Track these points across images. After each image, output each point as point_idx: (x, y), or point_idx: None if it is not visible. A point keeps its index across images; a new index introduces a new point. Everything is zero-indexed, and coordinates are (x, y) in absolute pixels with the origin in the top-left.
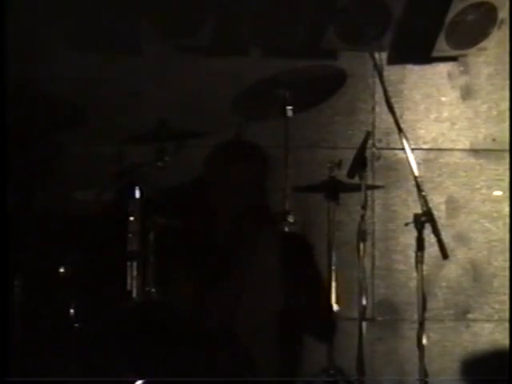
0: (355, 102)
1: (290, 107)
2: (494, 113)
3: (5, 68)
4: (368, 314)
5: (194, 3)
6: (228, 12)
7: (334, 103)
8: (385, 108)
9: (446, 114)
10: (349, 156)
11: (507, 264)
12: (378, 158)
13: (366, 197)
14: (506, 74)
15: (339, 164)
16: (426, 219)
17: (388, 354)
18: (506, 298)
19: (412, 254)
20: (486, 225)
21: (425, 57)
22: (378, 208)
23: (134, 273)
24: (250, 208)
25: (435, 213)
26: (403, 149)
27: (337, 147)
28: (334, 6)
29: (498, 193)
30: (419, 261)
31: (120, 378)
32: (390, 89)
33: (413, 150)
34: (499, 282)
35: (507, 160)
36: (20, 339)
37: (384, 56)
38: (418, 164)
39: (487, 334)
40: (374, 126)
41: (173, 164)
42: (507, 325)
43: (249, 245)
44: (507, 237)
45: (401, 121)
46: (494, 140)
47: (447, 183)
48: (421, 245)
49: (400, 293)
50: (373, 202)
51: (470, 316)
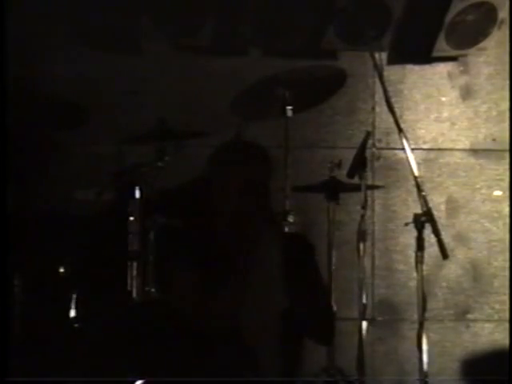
0: (355, 102)
1: (289, 107)
2: (494, 113)
3: (5, 68)
4: (368, 314)
5: (193, 3)
6: (228, 12)
7: (334, 103)
8: (385, 108)
9: (446, 114)
10: (349, 156)
11: (507, 264)
12: (378, 158)
13: (365, 197)
14: (506, 74)
15: (339, 164)
16: (425, 219)
17: (388, 354)
18: (506, 298)
19: (412, 254)
20: (486, 225)
21: (425, 57)
22: (377, 208)
23: (134, 273)
24: (252, 208)
25: (435, 213)
26: (403, 149)
27: (337, 147)
28: (333, 6)
29: (498, 193)
30: (419, 261)
31: (120, 377)
32: (390, 89)
33: (413, 150)
34: (499, 282)
35: (507, 160)
36: (20, 339)
37: (384, 56)
38: (418, 164)
39: (487, 334)
40: (374, 126)
41: (173, 164)
42: (507, 325)
43: (251, 245)
44: (507, 237)
45: (401, 121)
46: (494, 140)
47: (447, 183)
48: (421, 245)
49: (400, 293)
50: (373, 202)
51: (469, 316)
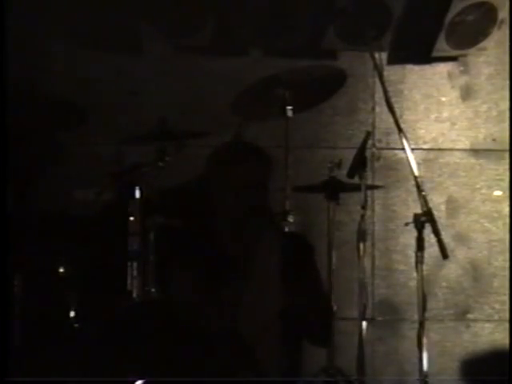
0: (355, 102)
1: (289, 107)
2: (494, 113)
3: (5, 68)
4: (368, 314)
5: (193, 3)
6: (228, 12)
7: (334, 103)
8: (385, 108)
9: (446, 114)
10: (349, 156)
11: (507, 264)
12: (378, 158)
13: (365, 197)
14: (506, 74)
15: (339, 164)
16: (426, 219)
17: (388, 354)
18: (506, 298)
19: (412, 254)
20: (486, 225)
21: (425, 57)
22: (378, 208)
23: (134, 273)
24: (252, 209)
25: (435, 213)
26: (403, 149)
27: (337, 147)
28: (333, 6)
29: (498, 193)
30: (419, 261)
31: (120, 378)
32: (390, 89)
33: (413, 150)
34: (499, 282)
35: (507, 160)
36: (20, 339)
37: (384, 56)
38: (418, 164)
39: (487, 334)
40: (374, 126)
41: (173, 164)
42: (507, 325)
43: (249, 245)
44: (507, 237)
45: (401, 121)
46: (494, 140)
47: (447, 183)
48: (421, 245)
49: (400, 293)
50: (373, 202)
51: (469, 316)
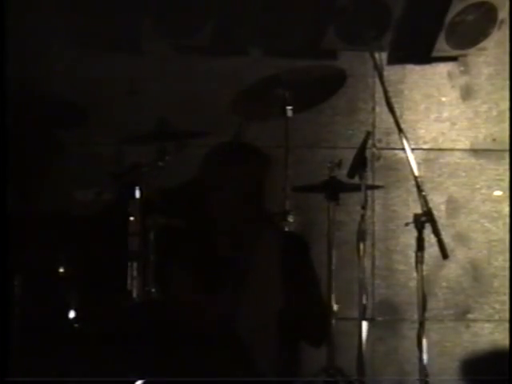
0: (355, 102)
1: (289, 107)
2: (494, 113)
3: (5, 68)
4: (368, 313)
5: (193, 3)
6: (228, 12)
7: (334, 103)
8: (385, 108)
9: (446, 114)
10: (349, 156)
11: (507, 264)
12: (378, 158)
13: (366, 197)
14: (506, 74)
15: (339, 164)
16: (426, 219)
17: (388, 354)
18: (506, 298)
19: (412, 254)
20: (486, 225)
21: (425, 57)
22: (378, 208)
23: (134, 273)
24: (249, 209)
25: (435, 213)
26: (403, 149)
27: (337, 147)
28: (333, 6)
29: (498, 193)
30: (419, 261)
31: (120, 377)
32: (390, 89)
33: (413, 150)
34: (499, 282)
35: (507, 160)
36: (20, 339)
37: (384, 56)
38: (418, 164)
39: (487, 334)
40: (374, 126)
41: (173, 164)
42: (507, 325)
43: (248, 245)
44: (507, 237)
45: (401, 121)
46: (494, 140)
47: (447, 183)
48: (421, 245)
49: (400, 293)
50: (373, 202)
51: (470, 316)
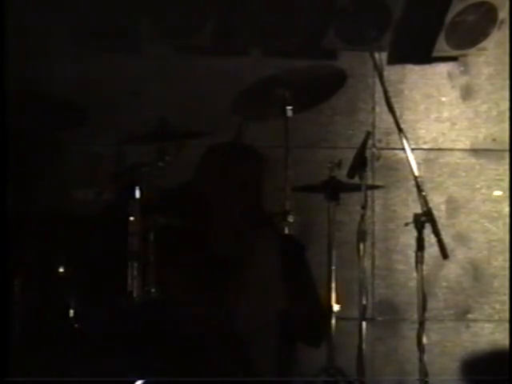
0: (355, 102)
1: (289, 107)
2: (494, 113)
3: (5, 68)
4: (368, 313)
5: (193, 3)
6: (228, 12)
7: (334, 103)
8: (385, 108)
9: (446, 114)
10: (349, 156)
11: (507, 264)
12: (378, 158)
13: (366, 197)
14: (506, 74)
15: (339, 164)
16: (426, 219)
17: (388, 354)
18: (506, 298)
19: (412, 254)
20: (486, 225)
21: (425, 57)
22: (378, 208)
23: (135, 273)
24: (245, 209)
25: (435, 213)
26: (403, 149)
27: (337, 147)
28: (333, 6)
29: (498, 193)
30: (419, 261)
31: (120, 378)
32: (390, 89)
33: (413, 150)
34: (499, 282)
35: (507, 160)
36: (20, 339)
37: (384, 56)
38: (418, 164)
39: (487, 334)
40: (374, 126)
41: (173, 164)
42: (507, 325)
43: (245, 246)
44: (507, 237)
45: (401, 121)
46: (494, 140)
47: (447, 183)
48: (421, 245)
49: (400, 293)
50: (373, 202)
51: (470, 316)
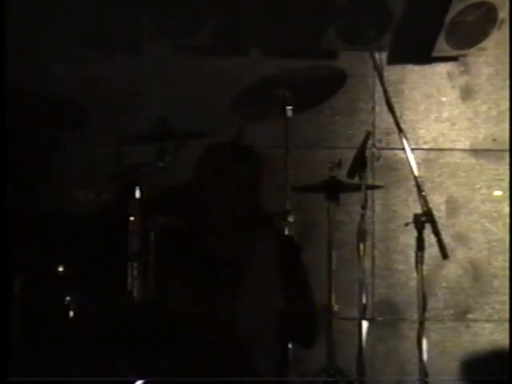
0: (355, 102)
1: (289, 107)
2: (494, 113)
3: (5, 68)
4: (368, 314)
5: (193, 3)
6: (228, 12)
7: (333, 103)
8: (385, 108)
9: (446, 114)
10: (349, 156)
11: (507, 264)
12: (378, 158)
13: (366, 197)
14: (506, 74)
15: (339, 164)
16: (426, 219)
17: (388, 354)
18: (506, 298)
19: (412, 253)
20: (486, 225)
21: (425, 57)
22: (378, 208)
23: (135, 273)
24: (243, 210)
25: (435, 213)
26: (403, 149)
27: (337, 147)
28: (333, 6)
29: (498, 193)
30: (419, 261)
31: (120, 378)
32: (390, 89)
33: (413, 150)
34: (499, 282)
35: (507, 160)
36: (20, 339)
37: (384, 56)
38: (418, 164)
39: (487, 334)
40: (374, 126)
41: (173, 164)
42: (507, 325)
43: (243, 246)
44: (507, 237)
45: (401, 121)
46: (494, 140)
47: (447, 183)
48: (421, 245)
49: (400, 293)
50: (373, 202)
51: (470, 316)
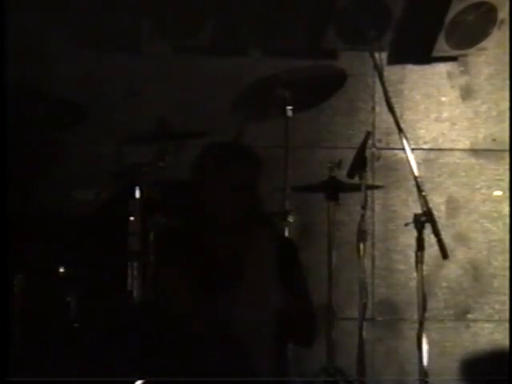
0: (355, 102)
1: (289, 107)
2: (494, 113)
3: (5, 68)
4: (368, 314)
5: (193, 3)
6: (228, 12)
7: (333, 103)
8: (385, 108)
9: (446, 114)
10: (349, 156)
11: (507, 264)
12: (378, 158)
13: (366, 197)
14: (506, 74)
15: (339, 164)
16: (426, 219)
17: (388, 354)
18: (506, 298)
19: (412, 254)
20: (486, 225)
21: (425, 57)
22: (378, 208)
23: (135, 273)
24: (242, 210)
25: (435, 213)
26: (403, 149)
27: (337, 147)
28: (333, 6)
29: (498, 193)
30: (419, 261)
31: (120, 378)
32: (390, 89)
33: (413, 150)
34: (499, 282)
35: (507, 160)
36: (20, 339)
37: (384, 56)
38: (418, 164)
39: (487, 334)
40: (374, 126)
41: (173, 164)
42: (507, 325)
43: (240, 247)
44: (507, 237)
45: (401, 121)
46: (494, 140)
47: (447, 183)
48: (421, 245)
49: (400, 293)
50: (373, 202)
51: (470, 316)
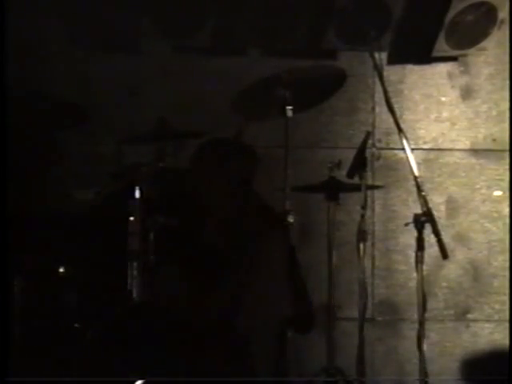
0: (355, 102)
1: (289, 107)
2: (494, 113)
3: (5, 68)
4: (368, 313)
5: (193, 3)
6: (228, 12)
7: (333, 103)
8: (385, 108)
9: (445, 114)
10: (349, 156)
11: (507, 264)
12: (378, 158)
13: (365, 197)
14: (506, 74)
15: (339, 164)
16: (425, 219)
17: (388, 354)
18: (506, 298)
19: (412, 254)
20: (486, 225)
21: (425, 57)
22: (378, 208)
23: (135, 273)
24: (238, 207)
25: (435, 213)
26: (403, 149)
27: (337, 147)
28: (333, 6)
29: (498, 193)
30: (419, 261)
31: (120, 378)
32: (389, 89)
33: (413, 150)
34: (499, 282)
35: (507, 160)
36: (20, 339)
37: (384, 56)
38: (418, 164)
39: (487, 334)
40: (374, 126)
41: (173, 164)
42: (507, 325)
43: (239, 243)
44: (507, 237)
45: (401, 121)
46: (494, 140)
47: (447, 183)
48: (421, 245)
49: (400, 293)
50: (373, 202)
51: (469, 316)
